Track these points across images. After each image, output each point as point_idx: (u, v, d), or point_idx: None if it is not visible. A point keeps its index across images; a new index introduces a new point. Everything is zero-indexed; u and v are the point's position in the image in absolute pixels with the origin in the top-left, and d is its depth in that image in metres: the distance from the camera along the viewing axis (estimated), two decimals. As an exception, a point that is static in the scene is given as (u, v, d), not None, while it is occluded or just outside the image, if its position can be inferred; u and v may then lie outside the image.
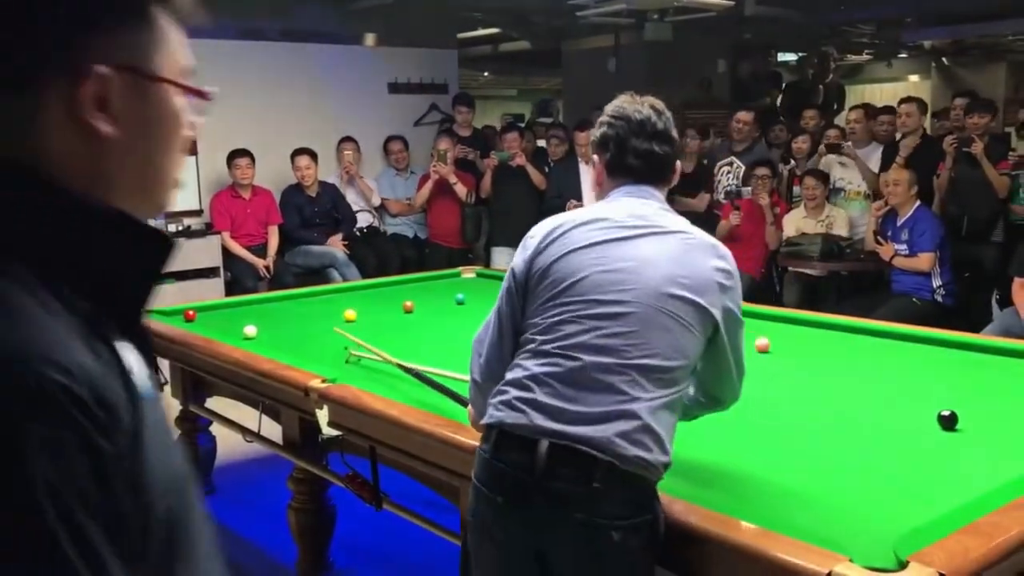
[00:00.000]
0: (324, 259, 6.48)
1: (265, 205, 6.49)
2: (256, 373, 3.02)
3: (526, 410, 1.74)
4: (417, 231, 7.19)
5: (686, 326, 1.76)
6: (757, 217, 6.27)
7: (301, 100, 7.05)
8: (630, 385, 1.70)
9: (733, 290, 1.85)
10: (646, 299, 1.75)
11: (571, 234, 1.85)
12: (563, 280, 1.80)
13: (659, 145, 1.92)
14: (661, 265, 1.78)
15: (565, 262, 1.82)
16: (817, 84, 8.92)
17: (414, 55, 7.60)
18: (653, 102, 1.95)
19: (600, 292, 1.77)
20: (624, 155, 1.92)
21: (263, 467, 4.17)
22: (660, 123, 1.92)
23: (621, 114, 1.93)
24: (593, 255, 1.80)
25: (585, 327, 1.75)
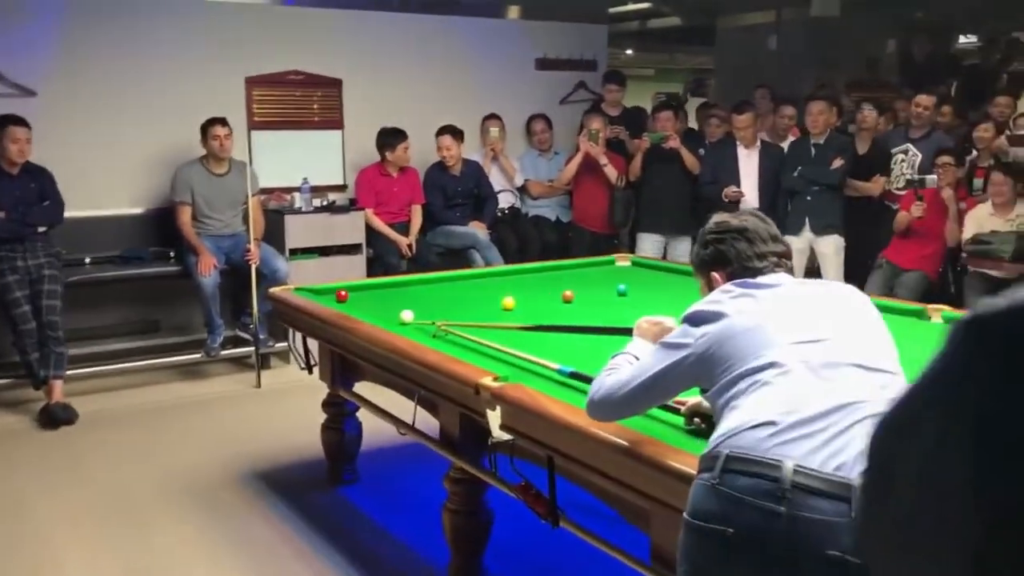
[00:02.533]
0: (466, 240, 6.26)
1: (411, 184, 6.32)
2: (420, 364, 2.80)
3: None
4: (560, 214, 6.90)
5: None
6: (939, 210, 5.72)
7: (445, 75, 6.84)
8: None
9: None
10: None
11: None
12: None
13: (779, 244, 2.02)
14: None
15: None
16: (1000, 71, 8.16)
17: (562, 29, 7.28)
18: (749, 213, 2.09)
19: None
20: (752, 260, 1.97)
21: (412, 459, 3.98)
22: (769, 226, 2.04)
23: (727, 228, 2.01)
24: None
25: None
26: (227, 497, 3.86)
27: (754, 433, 1.59)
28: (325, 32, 6.39)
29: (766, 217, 2.03)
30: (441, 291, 4.14)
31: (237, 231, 5.70)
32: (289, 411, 4.94)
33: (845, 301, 1.86)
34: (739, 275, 1.92)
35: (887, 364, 1.72)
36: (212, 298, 5.46)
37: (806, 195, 5.96)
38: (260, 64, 6.16)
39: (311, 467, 4.13)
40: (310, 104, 6.41)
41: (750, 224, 1.97)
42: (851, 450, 1.53)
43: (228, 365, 5.81)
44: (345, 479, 3.95)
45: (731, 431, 1.63)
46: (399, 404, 3.34)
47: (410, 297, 3.98)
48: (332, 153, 6.49)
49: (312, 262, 5.91)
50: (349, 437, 3.92)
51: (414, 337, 3.04)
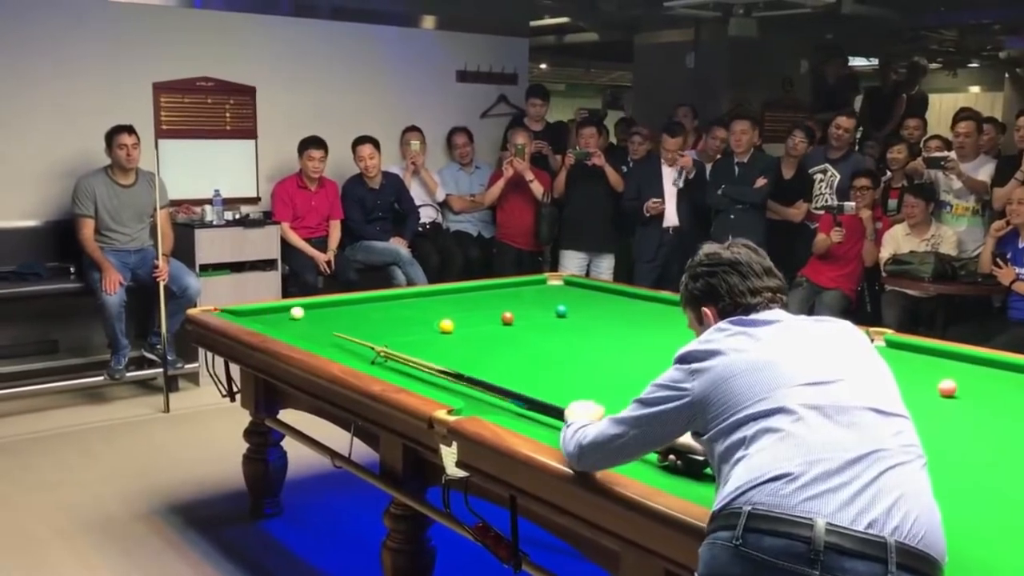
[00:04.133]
0: (387, 256, 6.07)
1: (329, 197, 6.09)
2: (363, 395, 2.61)
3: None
4: (482, 230, 6.77)
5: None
6: (856, 232, 5.81)
7: (363, 85, 6.64)
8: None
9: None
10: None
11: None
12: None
13: (773, 279, 1.89)
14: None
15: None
16: (901, 92, 8.42)
17: (483, 42, 7.17)
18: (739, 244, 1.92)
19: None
20: (744, 295, 1.84)
21: (338, 491, 3.78)
22: (761, 259, 1.89)
23: (719, 261, 1.88)
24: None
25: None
26: (137, 532, 3.58)
27: (775, 487, 1.46)
28: (237, 38, 6.12)
29: (759, 249, 1.90)
30: (371, 312, 3.95)
31: (144, 246, 5.38)
32: (202, 437, 4.66)
33: (849, 338, 1.75)
34: (730, 312, 1.80)
35: (898, 407, 1.62)
36: (117, 317, 5.12)
37: (729, 213, 5.99)
38: (168, 70, 5.85)
39: (230, 499, 3.88)
40: (222, 112, 6.12)
41: (743, 257, 1.85)
42: (881, 504, 1.43)
43: (133, 388, 5.47)
44: (267, 512, 3.72)
45: (747, 484, 1.49)
46: (328, 432, 3.15)
47: (338, 318, 3.79)
48: (245, 164, 6.22)
49: (224, 279, 5.63)
50: (273, 468, 3.69)
51: (352, 364, 2.85)
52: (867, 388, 1.61)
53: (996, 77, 13.22)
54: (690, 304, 1.90)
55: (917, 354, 3.28)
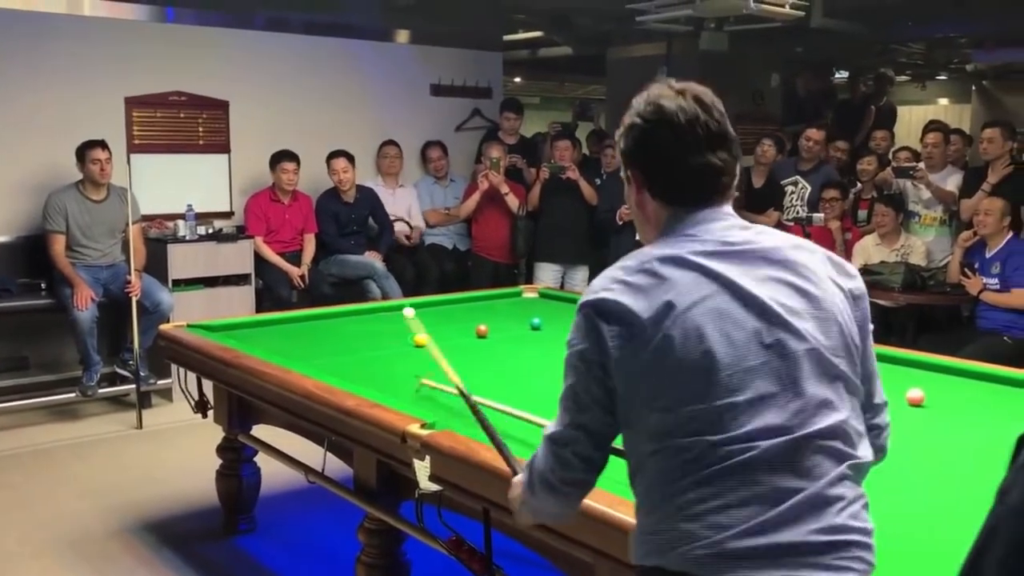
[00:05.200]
0: (361, 270, 6.06)
1: (303, 211, 6.08)
2: (335, 409, 2.61)
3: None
4: (457, 243, 6.78)
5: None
6: (826, 244, 5.86)
7: (337, 99, 6.65)
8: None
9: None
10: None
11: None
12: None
13: (720, 152, 1.45)
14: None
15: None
16: (869, 104, 8.54)
17: (457, 56, 7.20)
18: (699, 92, 1.45)
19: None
20: (673, 172, 1.46)
21: (313, 506, 3.77)
22: (714, 123, 1.43)
23: (659, 114, 1.44)
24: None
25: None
26: (110, 550, 3.55)
27: (712, 542, 1.32)
28: (210, 52, 6.11)
29: (718, 104, 1.46)
30: (345, 326, 3.95)
31: (116, 261, 5.35)
32: (175, 454, 4.63)
33: (815, 283, 1.41)
34: (661, 197, 1.47)
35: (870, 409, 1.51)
36: (89, 333, 5.09)
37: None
38: (140, 84, 5.83)
39: (203, 516, 3.85)
40: (194, 127, 6.11)
41: (687, 111, 1.41)
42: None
43: (106, 404, 5.42)
44: (241, 528, 3.69)
45: (678, 536, 1.34)
46: (302, 448, 3.15)
47: (312, 333, 3.80)
48: (218, 178, 6.20)
49: (197, 294, 5.60)
50: (247, 484, 3.67)
51: (324, 379, 2.85)
52: (831, 397, 1.47)
53: (964, 89, 13.41)
54: (626, 169, 1.54)
55: (887, 364, 3.31)
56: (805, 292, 1.39)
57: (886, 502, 1.95)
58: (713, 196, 1.46)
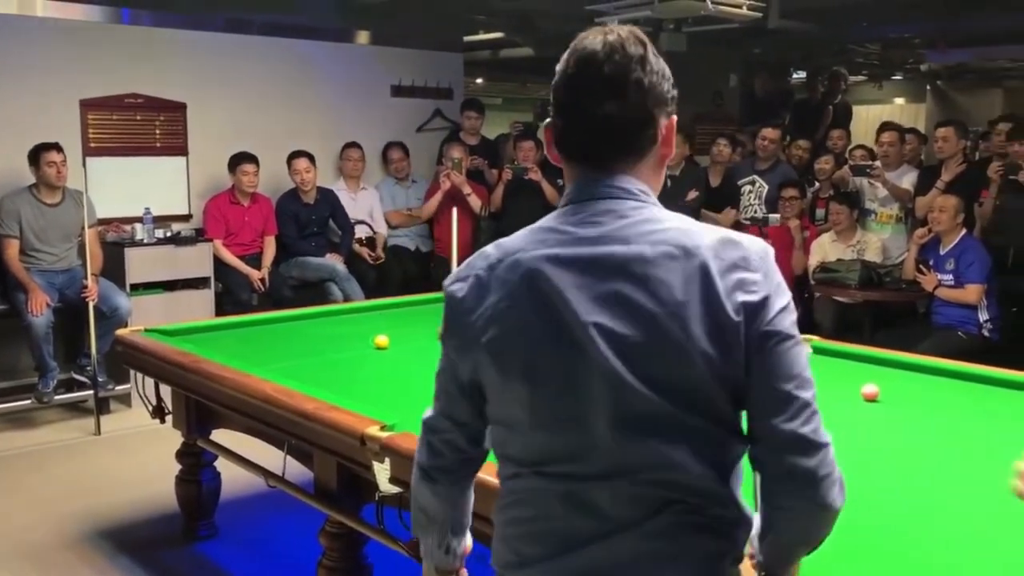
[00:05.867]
0: (322, 272, 6.03)
1: (263, 213, 6.03)
2: (295, 413, 2.59)
3: None
4: (419, 244, 6.77)
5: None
6: (784, 243, 5.94)
7: (297, 101, 6.60)
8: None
9: None
10: None
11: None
12: None
13: (610, 101, 1.23)
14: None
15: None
16: (826, 103, 8.66)
17: (417, 57, 7.18)
18: (620, 32, 1.24)
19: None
20: (561, 126, 1.29)
21: (275, 511, 3.74)
22: (610, 64, 1.22)
23: (571, 54, 1.27)
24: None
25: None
26: (68, 560, 3.50)
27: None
28: (167, 54, 6.04)
29: (631, 47, 1.23)
30: (306, 328, 3.93)
31: (72, 265, 5.27)
32: (135, 460, 4.57)
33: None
34: (560, 153, 1.31)
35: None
36: (44, 339, 5.01)
37: (662, 225, 6.08)
38: (96, 87, 5.75)
39: (163, 522, 3.81)
40: (151, 129, 6.04)
41: (586, 50, 1.24)
42: None
43: (63, 411, 5.34)
44: (202, 535, 3.66)
45: (500, 558, 1.35)
46: (262, 452, 3.12)
47: (271, 336, 3.77)
48: (176, 181, 6.13)
49: (156, 297, 5.54)
50: (207, 489, 3.63)
51: (284, 382, 2.83)
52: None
53: (919, 89, 13.65)
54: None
55: (844, 360, 3.36)
56: (644, 317, 1.18)
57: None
58: (602, 156, 1.26)
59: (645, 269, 1.19)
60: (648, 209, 1.26)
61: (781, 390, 1.20)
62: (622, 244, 1.21)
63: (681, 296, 1.18)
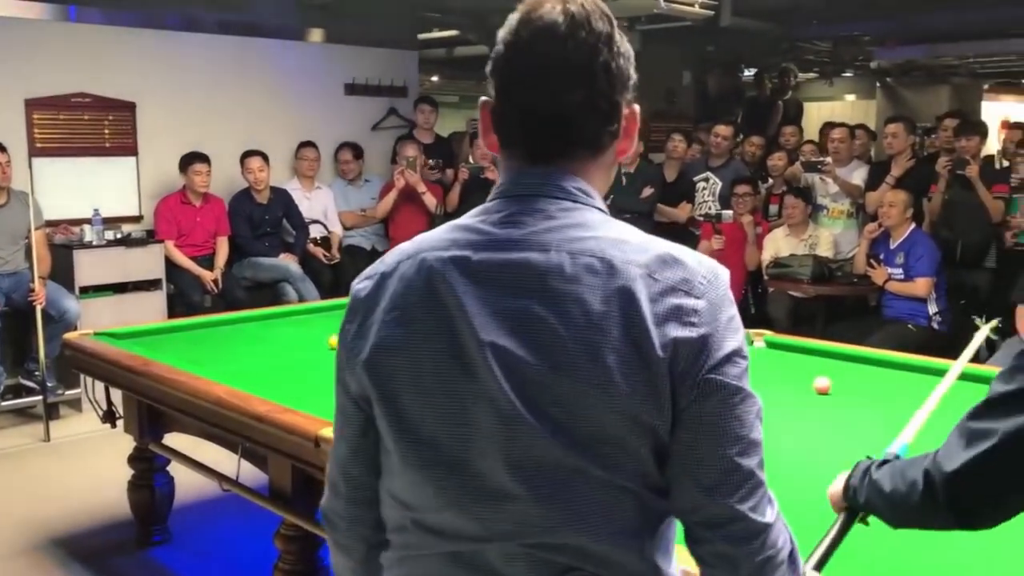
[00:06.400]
0: (276, 272, 5.97)
1: (216, 214, 5.95)
2: (247, 416, 2.56)
3: None
4: (375, 243, 6.72)
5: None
6: (737, 238, 6.01)
7: (250, 99, 6.52)
8: None
9: None
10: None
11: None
12: None
13: (572, 87, 1.03)
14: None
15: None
16: (776, 100, 8.77)
17: (371, 55, 7.14)
18: (583, 2, 1.05)
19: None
20: (503, 109, 1.08)
21: (231, 515, 3.69)
22: (574, 42, 1.02)
23: (522, 23, 1.05)
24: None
25: None
26: (19, 568, 3.43)
27: None
28: (116, 52, 5.93)
29: (592, 23, 1.04)
30: (260, 330, 3.88)
31: (19, 268, 5.16)
32: (85, 466, 4.49)
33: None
34: (497, 123, 1.10)
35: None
36: (-10, 344, 4.90)
37: (619, 222, 6.11)
38: (42, 85, 5.63)
39: (116, 528, 3.74)
40: (100, 129, 5.92)
41: (523, 27, 1.04)
42: None
43: (11, 417, 5.22)
44: (156, 540, 3.60)
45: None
46: (218, 455, 3.08)
47: (224, 338, 3.73)
48: (126, 182, 6.02)
49: (106, 300, 5.45)
50: (160, 494, 3.58)
51: (238, 385, 2.80)
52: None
53: (869, 86, 13.84)
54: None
55: (797, 354, 3.40)
56: (550, 341, 0.98)
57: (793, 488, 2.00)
58: (550, 150, 1.06)
59: (560, 284, 0.99)
60: (583, 212, 1.05)
61: (720, 456, 0.98)
62: (540, 252, 1.01)
63: (597, 319, 0.97)
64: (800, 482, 2.09)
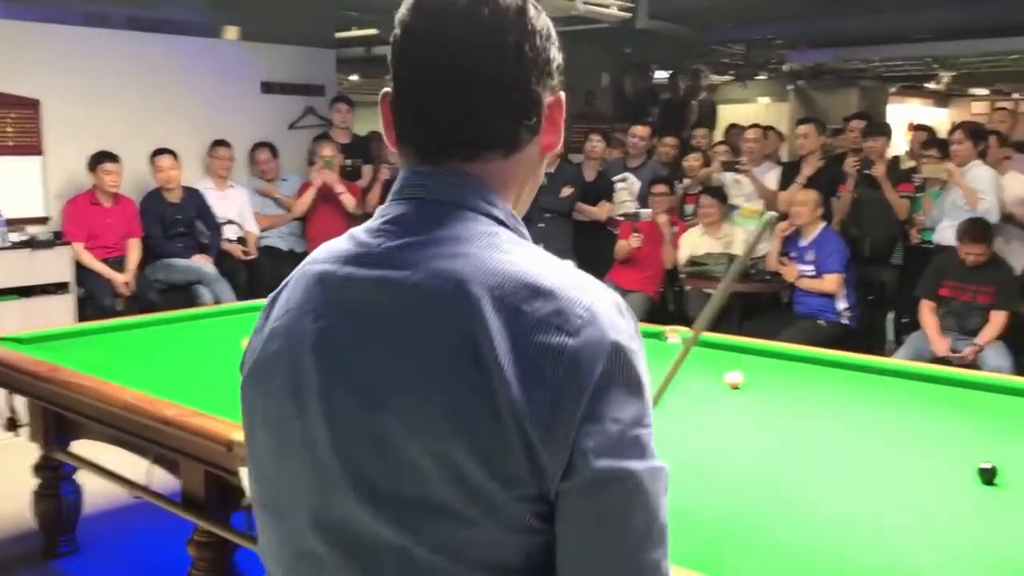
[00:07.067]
0: (190, 274, 5.85)
1: (127, 215, 5.80)
2: (157, 420, 2.50)
3: None
4: (293, 244, 6.63)
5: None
6: (655, 237, 6.10)
7: (163, 98, 6.38)
8: None
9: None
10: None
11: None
12: None
13: (474, 75, 0.87)
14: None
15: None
16: (689, 101, 8.93)
17: (288, 53, 7.04)
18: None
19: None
20: (398, 100, 0.93)
21: (143, 523, 3.59)
22: (474, 20, 0.87)
23: (408, 7, 0.91)
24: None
25: None
26: (-86, 587, 3.29)
27: None
28: (17, 47, 5.74)
29: (510, 2, 0.88)
30: (173, 333, 3.79)
31: (-84, 272, 4.95)
32: (-12, 476, 4.32)
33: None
34: (394, 115, 0.94)
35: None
36: None
37: (539, 222, 6.14)
38: (-61, 81, 5.42)
39: (20, 540, 3.61)
40: (2, 127, 5.71)
41: (442, 16, 0.88)
42: None
43: (-93, 428, 4.99)
44: (63, 551, 3.49)
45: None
46: (128, 462, 3.00)
47: (136, 342, 3.63)
48: (31, 182, 5.83)
49: (12, 304, 5.28)
50: (67, 503, 3.46)
51: (149, 389, 2.73)
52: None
53: (782, 89, 14.19)
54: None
55: (714, 350, 3.47)
56: (381, 382, 0.82)
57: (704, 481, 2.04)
58: (448, 150, 0.90)
59: (407, 309, 0.83)
60: (468, 223, 0.87)
61: (612, 558, 0.79)
62: (396, 269, 0.85)
63: (439, 354, 0.80)
64: (708, 479, 2.13)
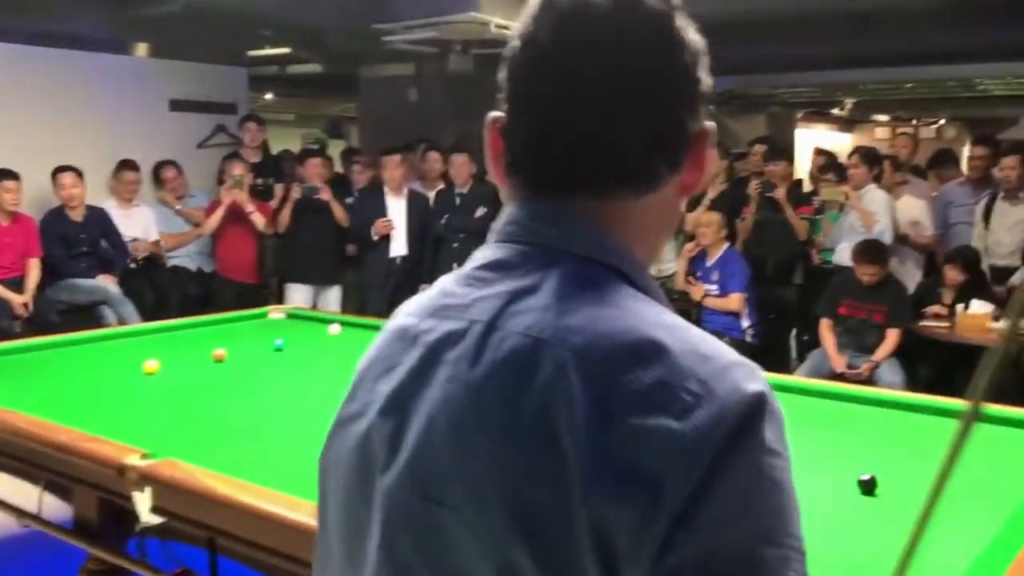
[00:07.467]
0: (94, 294, 5.70)
1: (26, 233, 5.62)
2: (47, 445, 2.43)
3: None
4: (202, 264, 6.52)
5: None
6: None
7: (66, 115, 6.23)
8: None
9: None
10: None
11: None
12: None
13: (586, 101, 0.74)
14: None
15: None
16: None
17: (198, 71, 6.96)
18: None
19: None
20: (513, 124, 0.79)
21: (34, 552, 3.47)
22: (605, 37, 0.73)
23: (532, 15, 0.77)
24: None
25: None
26: None
27: None
28: (-88, 61, 5.54)
29: (660, 7, 0.75)
30: (69, 356, 3.69)
31: None
32: None
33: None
34: (507, 146, 0.79)
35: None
36: None
37: (453, 242, 6.17)
38: None
39: (-96, 574, 3.47)
40: None
41: (562, 29, 0.74)
42: None
43: None
44: (-53, 584, 3.36)
45: None
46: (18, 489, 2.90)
47: (32, 365, 3.52)
48: (-77, 200, 5.61)
49: (-100, 327, 5.05)
50: (-44, 533, 3.34)
51: (41, 413, 2.66)
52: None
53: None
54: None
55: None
56: (424, 461, 0.70)
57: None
58: (570, 185, 0.75)
59: (464, 370, 0.70)
60: (577, 276, 0.72)
61: None
62: (463, 322, 0.74)
63: (507, 441, 0.66)
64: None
